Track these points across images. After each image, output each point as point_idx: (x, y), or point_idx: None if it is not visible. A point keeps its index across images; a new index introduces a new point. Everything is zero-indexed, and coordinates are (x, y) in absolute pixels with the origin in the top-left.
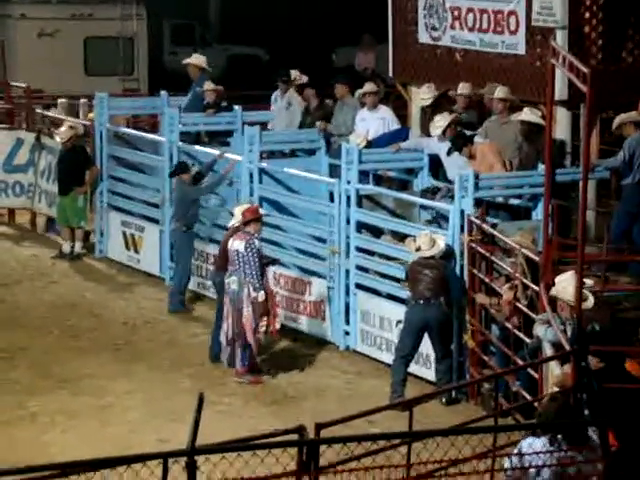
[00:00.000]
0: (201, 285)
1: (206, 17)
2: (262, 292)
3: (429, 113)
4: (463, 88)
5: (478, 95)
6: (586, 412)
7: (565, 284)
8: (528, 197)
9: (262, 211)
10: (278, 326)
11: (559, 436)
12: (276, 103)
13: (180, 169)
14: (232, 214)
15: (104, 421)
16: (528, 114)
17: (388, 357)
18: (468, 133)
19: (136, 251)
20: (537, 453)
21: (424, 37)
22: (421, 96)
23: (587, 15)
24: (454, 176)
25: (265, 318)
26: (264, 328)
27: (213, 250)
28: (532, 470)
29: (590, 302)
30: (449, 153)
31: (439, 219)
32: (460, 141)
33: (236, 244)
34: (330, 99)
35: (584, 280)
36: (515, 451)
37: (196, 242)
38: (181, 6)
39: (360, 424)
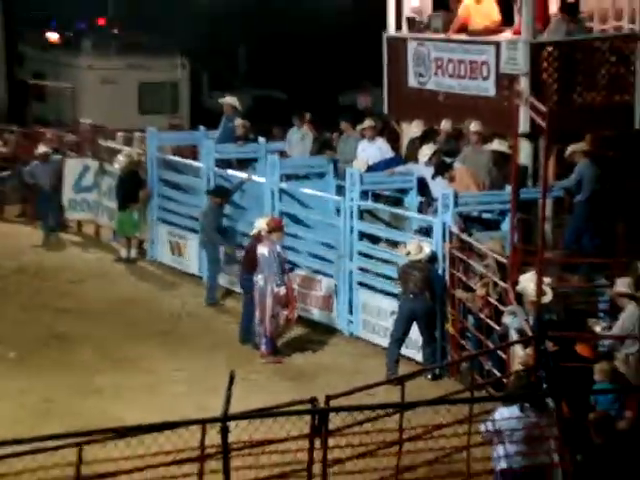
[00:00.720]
0: (232, 282)
1: (236, 67)
2: (283, 287)
3: (417, 143)
4: (445, 124)
5: (458, 128)
6: (544, 385)
7: (527, 282)
8: (498, 212)
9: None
10: (295, 315)
11: (527, 404)
12: (293, 135)
13: (217, 192)
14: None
15: (154, 394)
16: (498, 145)
17: (384, 341)
18: (448, 160)
19: (180, 255)
20: (507, 419)
21: (413, 82)
22: (412, 129)
23: (545, 65)
24: (438, 195)
25: (285, 309)
26: (284, 317)
27: (240, 254)
28: (506, 432)
29: (549, 297)
30: (434, 177)
31: (426, 229)
32: (442, 168)
33: (261, 249)
34: (337, 132)
35: (544, 278)
36: (489, 418)
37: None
38: (216, 58)
39: (362, 396)
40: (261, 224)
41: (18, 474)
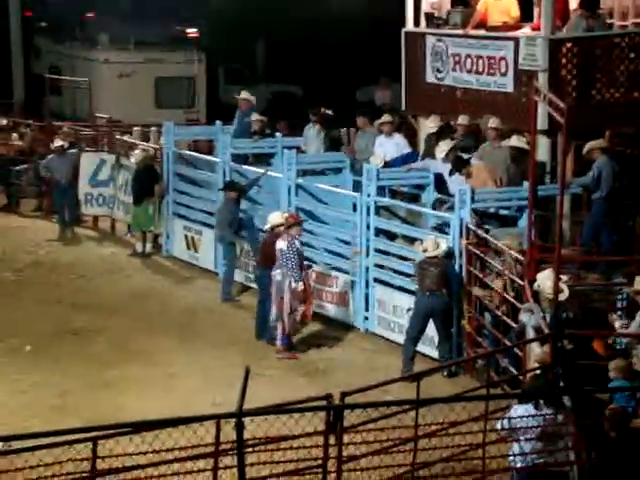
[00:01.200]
0: (248, 279)
1: (254, 62)
2: (300, 283)
3: (434, 139)
4: (462, 119)
5: (475, 124)
6: (561, 383)
7: (545, 280)
8: (515, 208)
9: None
10: (311, 312)
11: (541, 402)
12: (309, 131)
13: (230, 186)
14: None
15: (169, 388)
16: (516, 141)
17: (400, 338)
18: (465, 156)
19: (195, 250)
20: (522, 417)
21: (430, 78)
22: (428, 125)
23: (564, 61)
24: (455, 191)
25: (302, 304)
26: (301, 312)
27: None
28: (521, 430)
29: (565, 294)
30: (451, 174)
31: (442, 226)
32: (460, 163)
33: (280, 244)
34: (350, 128)
35: (561, 276)
36: (505, 415)
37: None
38: (233, 53)
39: (377, 393)
40: (274, 219)
41: (33, 468)
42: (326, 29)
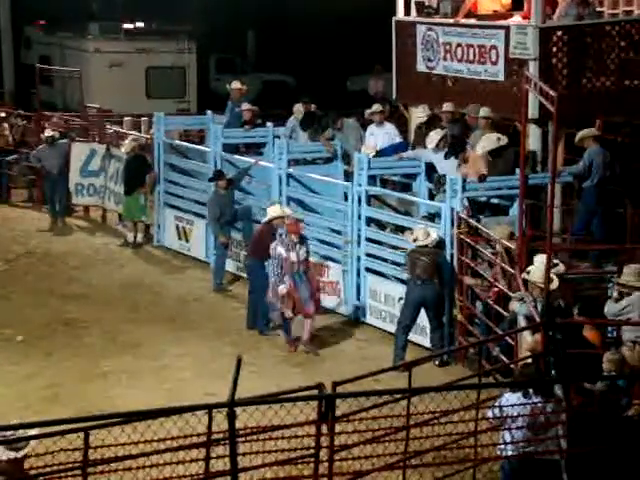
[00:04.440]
0: (239, 268)
1: (244, 51)
2: (283, 286)
3: (424, 129)
4: (447, 106)
5: (460, 113)
6: (553, 372)
7: (536, 268)
8: (506, 197)
9: (288, 210)
10: (310, 308)
11: (530, 390)
12: (290, 123)
13: (216, 176)
14: (263, 209)
15: (161, 379)
16: (483, 143)
17: (391, 327)
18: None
19: (187, 241)
20: (513, 405)
21: (421, 67)
22: (417, 115)
23: (554, 49)
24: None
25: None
26: (288, 313)
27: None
28: (510, 418)
29: (556, 283)
30: (447, 157)
31: (434, 216)
32: (457, 148)
33: (279, 249)
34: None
35: (558, 263)
36: (496, 404)
37: (233, 233)
38: (224, 42)
39: (368, 382)
40: (273, 211)
41: (25, 458)
42: (318, 16)
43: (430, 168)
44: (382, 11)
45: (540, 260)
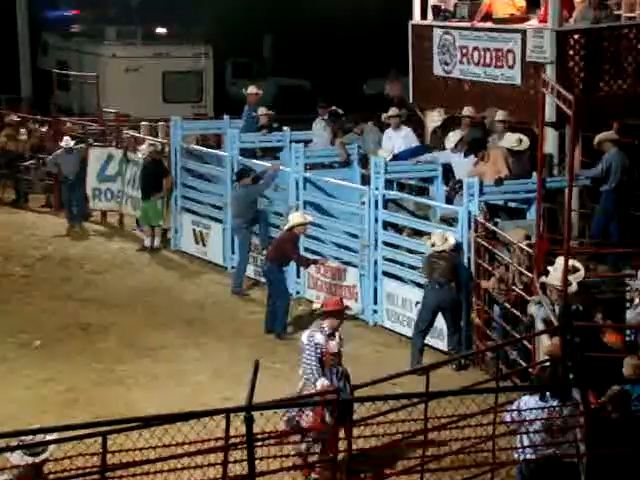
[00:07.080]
0: (257, 272)
1: (261, 55)
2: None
3: (439, 133)
4: (466, 111)
5: (481, 117)
6: (571, 376)
7: (554, 272)
8: (523, 200)
9: (309, 217)
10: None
11: (548, 394)
12: (315, 125)
13: (243, 174)
14: (281, 215)
15: (178, 382)
16: (506, 141)
17: (409, 331)
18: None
19: (204, 245)
20: (531, 409)
21: (438, 70)
22: (432, 119)
23: (571, 53)
24: (462, 176)
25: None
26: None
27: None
28: (527, 422)
29: (574, 287)
30: (466, 155)
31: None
32: (477, 146)
33: (311, 335)
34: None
35: (580, 268)
36: (513, 407)
37: (253, 238)
38: (240, 46)
39: (386, 386)
40: (296, 219)
41: (43, 463)
42: (335, 20)
43: (447, 171)
44: (399, 15)
45: (560, 263)
